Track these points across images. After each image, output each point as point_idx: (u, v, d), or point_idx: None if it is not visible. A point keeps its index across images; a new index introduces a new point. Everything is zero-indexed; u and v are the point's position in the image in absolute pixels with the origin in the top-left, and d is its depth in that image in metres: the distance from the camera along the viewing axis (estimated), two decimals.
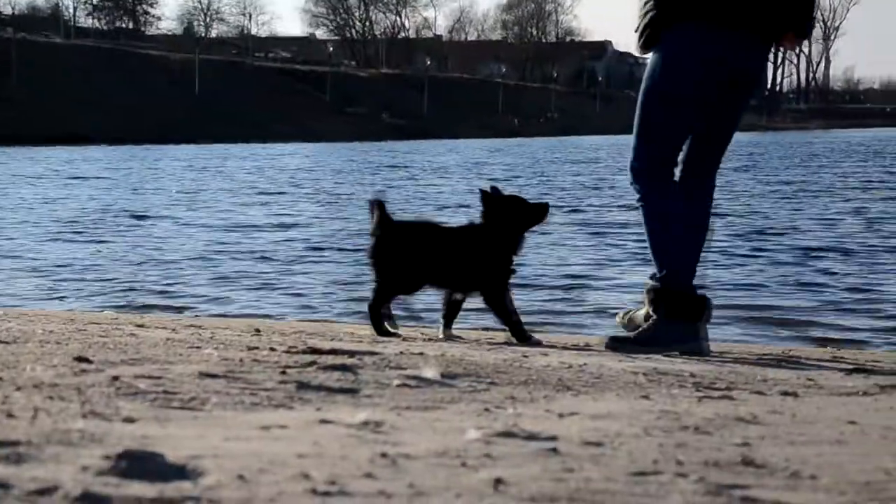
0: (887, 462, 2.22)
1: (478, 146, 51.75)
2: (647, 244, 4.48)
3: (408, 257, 4.49)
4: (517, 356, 3.83)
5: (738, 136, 4.95)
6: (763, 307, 7.15)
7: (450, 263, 4.49)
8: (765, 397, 3.15)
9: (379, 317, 4.58)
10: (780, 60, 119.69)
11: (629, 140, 4.50)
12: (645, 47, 4.39)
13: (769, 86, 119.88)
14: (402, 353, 3.71)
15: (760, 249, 10.39)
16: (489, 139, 65.31)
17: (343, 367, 3.16)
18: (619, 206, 15.58)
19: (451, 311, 4.63)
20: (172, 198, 19.04)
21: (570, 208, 15.66)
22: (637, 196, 4.46)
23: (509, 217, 4.50)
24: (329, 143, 59.04)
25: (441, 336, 4.58)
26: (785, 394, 3.24)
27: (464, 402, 2.76)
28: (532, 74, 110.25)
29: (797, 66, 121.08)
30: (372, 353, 3.59)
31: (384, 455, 2.04)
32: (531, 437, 2.28)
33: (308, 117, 73.67)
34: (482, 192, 4.58)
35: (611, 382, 3.28)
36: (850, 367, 4.12)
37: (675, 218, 4.40)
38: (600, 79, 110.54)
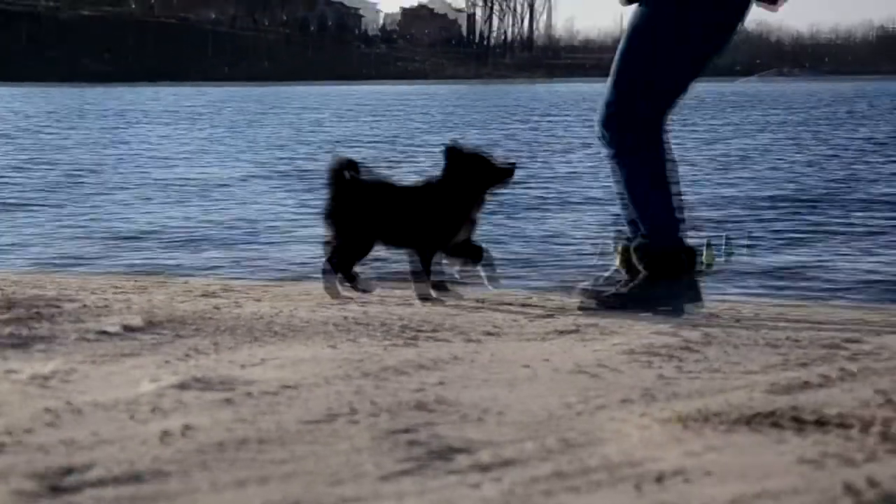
0: (550, 401, 2.34)
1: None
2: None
3: (364, 216, 4.21)
4: (209, 308, 3.77)
5: (454, 87, 4.88)
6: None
7: (407, 221, 4.23)
8: (448, 344, 3.24)
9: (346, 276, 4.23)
10: (488, 11, 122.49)
11: (338, 88, 4.30)
12: None
13: (478, 38, 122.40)
14: (85, 306, 3.58)
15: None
16: (197, 86, 63.81)
17: (17, 320, 3.02)
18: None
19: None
20: None
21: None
22: (619, 149, 3.98)
23: (472, 175, 4.30)
24: (24, 86, 56.04)
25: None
26: (468, 340, 3.34)
27: (144, 355, 2.70)
28: (244, 21, 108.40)
29: (514, 17, 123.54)
30: (53, 306, 3.45)
31: (48, 410, 1.97)
32: (208, 387, 2.26)
33: None
34: (447, 147, 4.35)
35: (299, 332, 3.29)
36: (539, 313, 4.29)
37: (662, 176, 3.99)
38: (312, 28, 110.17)
